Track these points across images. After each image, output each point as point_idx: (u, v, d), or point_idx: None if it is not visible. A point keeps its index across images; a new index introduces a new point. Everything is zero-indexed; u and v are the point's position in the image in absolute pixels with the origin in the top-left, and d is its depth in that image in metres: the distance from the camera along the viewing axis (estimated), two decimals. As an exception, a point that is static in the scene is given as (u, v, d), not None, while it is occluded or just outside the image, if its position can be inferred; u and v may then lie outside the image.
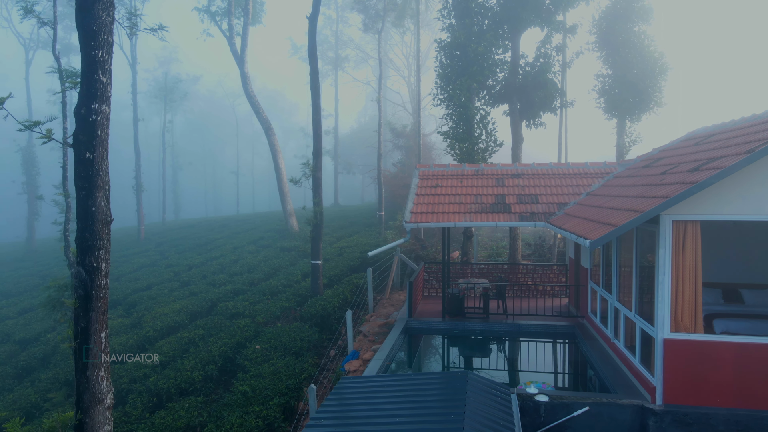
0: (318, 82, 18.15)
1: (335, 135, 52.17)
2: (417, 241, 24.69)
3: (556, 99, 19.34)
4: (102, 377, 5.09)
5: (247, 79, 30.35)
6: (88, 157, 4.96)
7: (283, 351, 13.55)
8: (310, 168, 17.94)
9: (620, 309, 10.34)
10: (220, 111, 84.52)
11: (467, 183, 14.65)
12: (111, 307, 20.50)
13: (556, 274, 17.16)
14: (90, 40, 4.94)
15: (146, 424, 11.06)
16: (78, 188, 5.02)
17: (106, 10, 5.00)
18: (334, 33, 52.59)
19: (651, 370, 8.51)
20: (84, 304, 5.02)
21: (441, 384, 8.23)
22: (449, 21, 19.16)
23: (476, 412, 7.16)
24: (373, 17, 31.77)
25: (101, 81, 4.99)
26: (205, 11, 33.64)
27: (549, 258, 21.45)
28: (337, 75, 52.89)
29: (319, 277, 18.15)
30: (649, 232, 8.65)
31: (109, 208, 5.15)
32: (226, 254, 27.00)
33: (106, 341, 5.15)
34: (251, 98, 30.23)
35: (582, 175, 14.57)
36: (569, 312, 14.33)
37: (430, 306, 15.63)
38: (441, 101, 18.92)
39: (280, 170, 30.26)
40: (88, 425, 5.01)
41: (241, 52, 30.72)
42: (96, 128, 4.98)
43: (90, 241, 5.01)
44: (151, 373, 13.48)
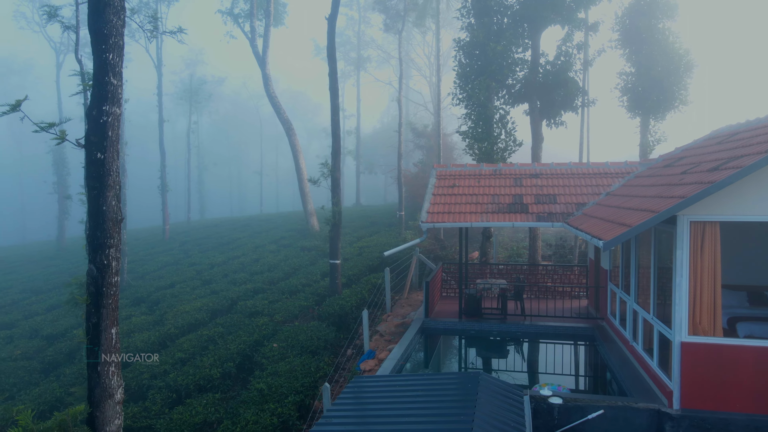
0: (336, 82, 18.25)
1: (357, 135, 52.34)
2: (436, 241, 24.61)
3: (578, 98, 19.07)
4: (112, 372, 5.21)
5: (268, 80, 30.66)
6: (99, 158, 5.08)
7: (300, 350, 13.66)
8: (329, 168, 18.04)
9: (638, 311, 10.15)
10: (244, 112, 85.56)
11: (485, 183, 14.55)
12: (135, 304, 20.95)
13: (577, 275, 16.92)
14: (101, 44, 5.06)
15: (165, 419, 11.28)
16: (89, 188, 5.16)
17: (117, 14, 5.12)
18: (356, 34, 52.75)
19: (668, 374, 8.34)
20: (95, 301, 5.15)
21: (452, 384, 8.20)
22: (468, 20, 19.05)
23: (486, 413, 7.11)
24: (393, 17, 31.79)
25: (112, 83, 5.11)
26: (228, 13, 34.09)
27: (570, 259, 21.17)
28: (359, 75, 53.07)
29: (338, 276, 18.24)
30: (667, 233, 8.48)
31: (119, 207, 5.27)
32: (247, 253, 27.33)
33: (116, 337, 5.27)
34: (272, 99, 30.53)
35: (602, 175, 14.35)
36: (588, 314, 14.12)
37: (448, 306, 15.57)
38: (460, 101, 18.83)
39: (301, 170, 30.49)
40: (99, 419, 5.14)
41: (262, 53, 31.04)
42: (107, 129, 5.11)
43: (101, 239, 5.14)
44: (171, 370, 13.74)
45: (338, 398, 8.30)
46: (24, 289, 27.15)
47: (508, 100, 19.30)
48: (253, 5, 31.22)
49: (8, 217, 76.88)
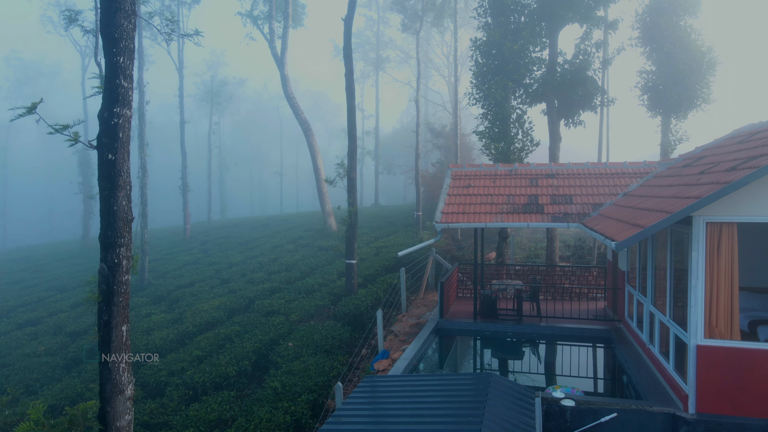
0: (353, 83, 18.32)
1: (376, 135, 52.42)
2: (453, 241, 24.53)
3: (596, 97, 18.83)
4: (123, 369, 5.32)
5: (286, 81, 30.90)
6: (110, 159, 5.20)
7: (314, 349, 13.75)
8: (345, 169, 18.12)
9: (655, 313, 10.00)
10: (265, 113, 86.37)
11: (500, 183, 14.47)
12: (155, 302, 21.31)
13: (595, 277, 16.72)
14: (112, 47, 5.17)
15: (181, 416, 11.46)
16: (101, 188, 5.27)
17: (128, 18, 5.23)
18: (375, 34, 52.83)
19: (684, 377, 8.20)
20: (106, 299, 5.26)
21: (463, 385, 8.18)
22: (485, 19, 18.95)
23: (496, 415, 7.09)
24: (411, 17, 31.77)
25: (123, 86, 5.22)
26: (248, 15, 34.45)
27: (588, 260, 20.90)
28: (378, 76, 53.15)
29: (354, 276, 18.30)
30: (684, 234, 8.33)
31: (130, 207, 5.38)
32: (265, 253, 27.58)
33: (127, 334, 5.38)
34: (291, 100, 30.76)
35: (620, 175, 14.15)
36: (605, 316, 13.95)
37: (464, 307, 15.52)
38: (476, 100, 18.75)
39: (319, 171, 30.66)
40: (110, 414, 5.25)
41: (281, 54, 31.30)
42: (118, 131, 5.22)
43: (111, 238, 5.25)
44: (189, 367, 13.95)
45: (349, 397, 8.35)
46: (50, 287, 27.81)
47: (526, 99, 19.15)
48: (272, 7, 31.50)
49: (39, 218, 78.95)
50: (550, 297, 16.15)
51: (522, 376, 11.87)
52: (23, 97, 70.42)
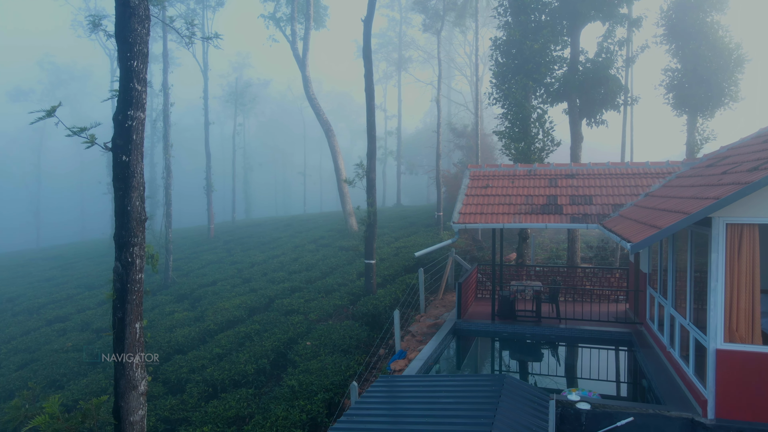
0: (372, 84, 18.39)
1: (398, 136, 52.42)
2: (474, 242, 24.40)
3: (619, 95, 18.53)
4: (136, 365, 5.45)
5: (308, 82, 31.14)
6: (124, 160, 5.33)
7: (332, 348, 13.84)
8: (364, 169, 18.19)
9: (675, 316, 9.81)
10: (289, 114, 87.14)
11: (518, 183, 14.35)
12: (178, 300, 21.70)
13: (617, 278, 16.46)
14: (126, 51, 5.31)
15: (200, 412, 11.66)
16: (115, 189, 5.42)
17: (142, 23, 5.36)
18: (397, 35, 52.84)
19: (703, 382, 8.03)
20: (120, 297, 5.40)
21: (476, 386, 8.15)
22: (505, 18, 18.81)
23: (507, 416, 7.05)
24: (432, 17, 31.70)
25: (136, 89, 5.36)
26: (270, 18, 34.81)
27: (611, 262, 20.57)
28: (400, 76, 53.16)
29: (373, 276, 18.35)
30: (704, 236, 8.16)
31: (143, 207, 5.51)
32: (287, 252, 27.85)
33: (140, 331, 5.51)
34: (312, 101, 30.98)
35: (642, 176, 13.90)
36: (626, 318, 13.72)
37: (482, 308, 15.45)
38: (496, 100, 18.62)
39: (340, 171, 30.82)
40: (123, 409, 5.39)
41: (302, 55, 31.56)
42: (132, 133, 5.35)
43: (125, 238, 5.39)
44: (209, 365, 14.18)
45: (362, 396, 8.40)
46: (78, 284, 28.55)
47: (547, 99, 18.95)
48: (294, 9, 31.77)
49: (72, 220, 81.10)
50: (571, 299, 15.95)
51: (540, 379, 11.76)
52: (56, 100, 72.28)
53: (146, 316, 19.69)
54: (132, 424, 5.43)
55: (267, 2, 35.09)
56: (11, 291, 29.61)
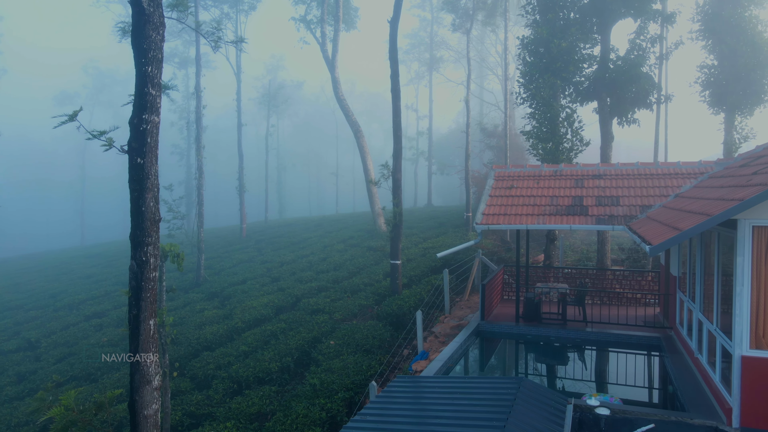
0: (398, 84, 18.42)
1: (429, 136, 52.28)
2: (502, 243, 24.16)
3: (652, 94, 18.05)
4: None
5: (337, 84, 31.40)
6: (139, 162, 5.53)
7: (354, 347, 13.93)
8: (389, 170, 18.24)
9: (703, 321, 9.53)
10: (322, 115, 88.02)
11: (544, 184, 14.15)
12: (209, 299, 22.21)
13: (649, 282, 16.03)
14: (141, 57, 5.50)
15: (224, 408, 11.93)
16: (131, 190, 5.61)
17: (156, 29, 5.54)
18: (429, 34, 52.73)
19: (729, 389, 7.78)
20: (135, 294, 5.60)
21: (491, 388, 8.10)
22: (533, 17, 18.57)
23: (521, 419, 6.98)
24: (462, 17, 31.52)
25: (151, 94, 5.54)
26: (301, 20, 35.24)
27: (644, 264, 20.04)
28: (431, 76, 53.00)
29: (398, 276, 18.38)
30: (731, 238, 7.90)
31: (157, 208, 5.69)
32: (316, 252, 28.14)
33: (154, 328, 5.69)
34: (341, 102, 31.22)
35: (672, 176, 13.51)
36: (655, 323, 13.38)
37: (508, 309, 15.30)
38: (524, 100, 18.40)
39: (369, 171, 30.95)
40: (138, 403, 5.59)
41: (332, 57, 31.85)
42: (146, 136, 5.54)
43: (140, 237, 5.58)
44: (235, 362, 14.48)
45: (377, 396, 8.45)
46: (116, 281, 29.52)
47: (576, 98, 18.62)
48: (323, 11, 32.09)
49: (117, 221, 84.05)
50: (600, 302, 15.64)
51: (564, 382, 11.58)
52: (100, 103, 75.00)
53: (178, 313, 20.23)
54: (146, 418, 5.61)
55: (298, 5, 35.55)
56: (54, 287, 30.83)
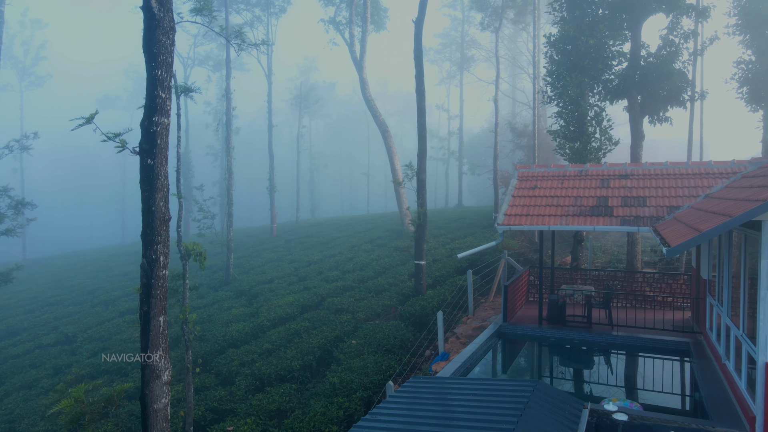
0: (422, 84, 18.37)
1: (460, 136, 51.96)
2: (530, 244, 23.81)
3: (685, 91, 17.49)
4: (160, 356, 5.80)
5: (365, 84, 31.52)
6: (149, 163, 5.69)
7: (376, 347, 13.97)
8: (413, 170, 18.21)
9: (730, 326, 9.21)
10: (355, 115, 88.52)
11: (568, 184, 13.89)
12: (237, 297, 22.62)
13: (680, 285, 15.56)
14: (151, 61, 5.66)
15: (246, 404, 12.14)
16: (142, 190, 5.78)
17: (166, 34, 5.69)
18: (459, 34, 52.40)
19: (754, 397, 7.49)
20: (146, 291, 5.77)
21: (505, 391, 8.01)
22: (561, 14, 18.24)
23: (531, 423, 6.89)
24: (491, 15, 31.20)
25: (161, 96, 5.70)
26: (330, 22, 35.54)
27: (677, 267, 19.44)
28: (462, 76, 52.65)
29: (423, 277, 18.33)
30: (757, 240, 7.60)
31: (167, 207, 5.84)
32: (343, 252, 28.32)
33: (164, 324, 5.85)
34: (369, 102, 31.34)
35: (703, 176, 13.06)
36: (683, 327, 12.97)
37: (532, 311, 15.09)
38: (551, 99, 18.09)
39: (396, 171, 30.96)
40: (148, 397, 5.75)
41: (359, 58, 32.01)
42: (156, 138, 5.70)
43: (150, 236, 5.75)
44: (258, 359, 14.72)
45: (390, 396, 8.47)
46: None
47: (605, 96, 18.19)
48: (352, 12, 32.28)
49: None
50: (629, 305, 15.26)
51: (584, 386, 11.36)
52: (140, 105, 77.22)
53: (206, 311, 20.68)
54: (156, 411, 5.77)
55: (328, 7, 35.87)
56: (93, 284, 31.94)
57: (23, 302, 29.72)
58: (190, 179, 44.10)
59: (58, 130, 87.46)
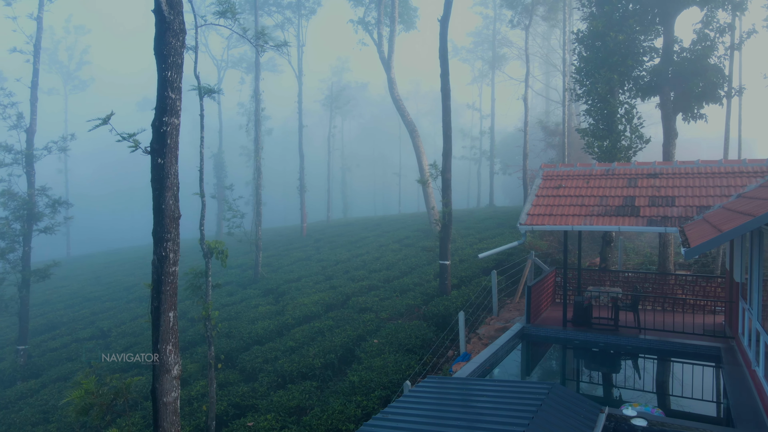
0: (448, 84, 18.26)
1: (491, 136, 51.42)
2: (559, 244, 23.38)
3: (721, 87, 16.87)
4: (170, 350, 5.93)
5: (393, 84, 31.53)
6: (160, 163, 5.83)
7: (397, 347, 13.97)
8: (438, 170, 18.13)
9: (761, 331, 8.83)
10: (388, 115, 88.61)
11: (594, 184, 13.58)
12: (264, 295, 22.95)
13: (715, 288, 15.02)
14: (161, 63, 5.80)
15: (267, 400, 12.32)
16: (153, 189, 5.93)
17: (176, 36, 5.83)
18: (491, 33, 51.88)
19: (781, 406, 7.18)
20: (156, 288, 5.91)
21: (519, 393, 7.90)
22: (590, 9, 17.84)
23: (542, 426, 6.78)
24: (521, 13, 30.75)
25: (170, 97, 5.83)
26: (360, 22, 35.68)
27: (712, 269, 18.77)
28: (494, 74, 52.10)
29: (447, 277, 18.23)
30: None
31: (177, 206, 5.98)
32: (371, 251, 28.39)
33: (174, 320, 5.99)
34: (396, 102, 31.33)
35: (736, 175, 12.57)
36: (715, 332, 12.51)
37: (558, 313, 14.82)
38: (579, 96, 17.73)
39: (424, 171, 30.86)
40: (158, 390, 5.90)
41: (387, 57, 32.04)
42: (166, 138, 5.84)
43: (160, 234, 5.89)
44: (281, 356, 14.91)
45: (404, 396, 8.45)
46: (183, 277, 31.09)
47: (636, 93, 17.72)
48: (380, 12, 32.34)
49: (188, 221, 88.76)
50: (660, 308, 14.81)
51: (606, 390, 11.10)
52: (179, 107, 79.04)
53: (234, 308, 21.06)
54: (165, 405, 5.91)
55: (357, 7, 36.03)
56: (129, 281, 32.91)
57: (64, 297, 30.87)
58: (224, 179, 44.94)
59: (101, 135, 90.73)
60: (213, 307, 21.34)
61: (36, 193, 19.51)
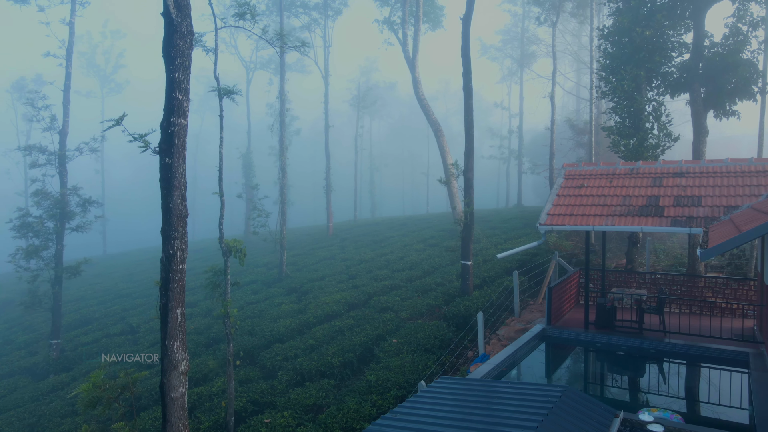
0: (470, 82, 18.13)
1: (519, 135, 50.78)
2: (586, 245, 22.93)
3: (755, 82, 16.28)
4: (177, 347, 6.05)
5: (417, 83, 31.46)
6: (168, 162, 5.95)
7: (415, 346, 13.93)
8: (460, 169, 18.00)
9: (787, 336, 8.50)
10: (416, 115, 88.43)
11: (617, 183, 13.27)
12: (288, 293, 23.18)
13: (746, 291, 14.50)
14: (169, 64, 5.92)
15: (285, 397, 12.45)
16: (161, 188, 6.05)
17: (184, 38, 5.94)
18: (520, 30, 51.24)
19: (805, 415, 6.89)
20: (164, 285, 6.04)
21: (531, 395, 7.79)
22: (616, 5, 17.45)
23: (551, 430, 6.67)
24: (548, 9, 30.27)
25: (178, 98, 5.94)
26: (385, 22, 35.72)
27: (745, 271, 18.12)
28: (522, 73, 51.47)
29: (469, 277, 18.08)
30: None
31: (185, 205, 6.09)
32: (395, 251, 28.38)
33: (182, 317, 6.10)
34: (421, 101, 31.25)
35: (766, 174, 12.12)
36: (744, 336, 12.07)
37: (580, 315, 14.52)
38: (604, 94, 17.35)
39: (448, 170, 30.67)
40: (166, 386, 6.02)
41: (412, 57, 31.98)
42: (174, 138, 5.95)
43: (168, 232, 6.01)
44: (301, 354, 15.04)
45: (415, 396, 8.42)
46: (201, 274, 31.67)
47: (665, 89, 17.24)
48: (405, 12, 32.30)
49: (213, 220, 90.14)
50: (688, 311, 14.38)
51: (625, 394, 10.84)
52: (210, 108, 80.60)
53: (258, 306, 21.33)
54: (173, 400, 6.03)
55: (383, 7, 36.07)
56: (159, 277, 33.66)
57: (97, 294, 31.82)
58: (252, 179, 45.55)
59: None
60: (237, 305, 21.76)
61: (68, 193, 20.20)
